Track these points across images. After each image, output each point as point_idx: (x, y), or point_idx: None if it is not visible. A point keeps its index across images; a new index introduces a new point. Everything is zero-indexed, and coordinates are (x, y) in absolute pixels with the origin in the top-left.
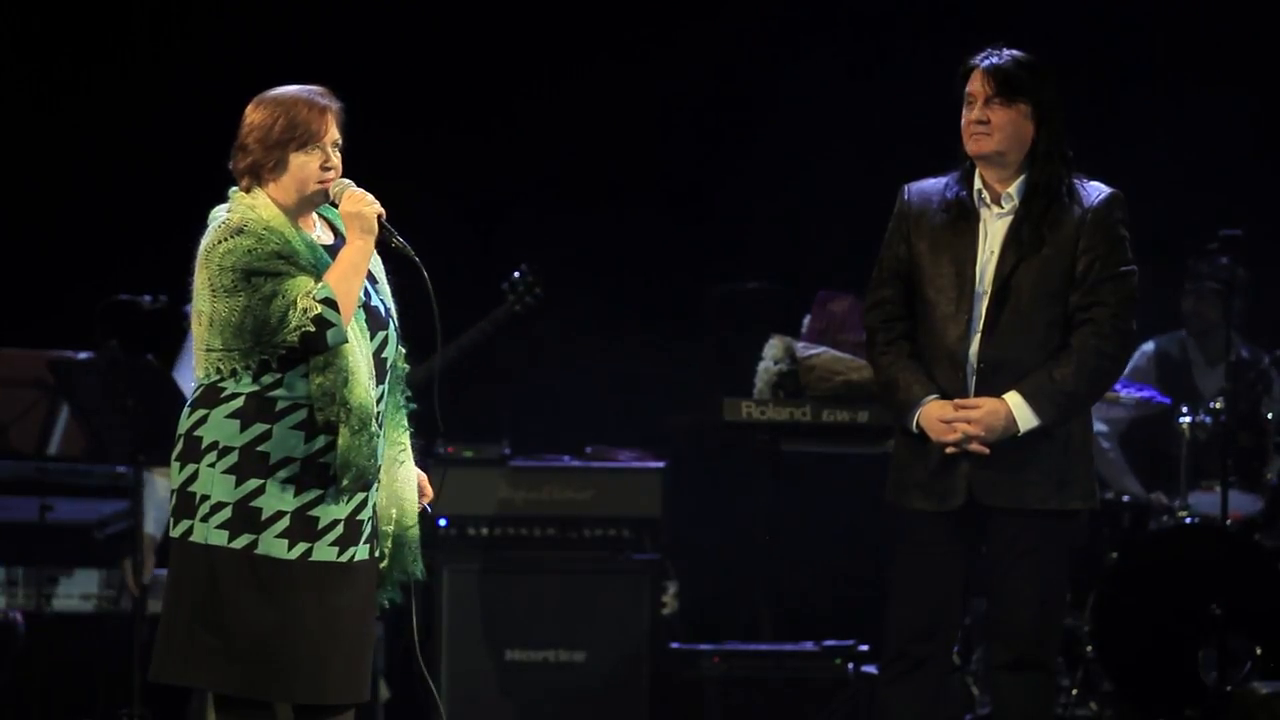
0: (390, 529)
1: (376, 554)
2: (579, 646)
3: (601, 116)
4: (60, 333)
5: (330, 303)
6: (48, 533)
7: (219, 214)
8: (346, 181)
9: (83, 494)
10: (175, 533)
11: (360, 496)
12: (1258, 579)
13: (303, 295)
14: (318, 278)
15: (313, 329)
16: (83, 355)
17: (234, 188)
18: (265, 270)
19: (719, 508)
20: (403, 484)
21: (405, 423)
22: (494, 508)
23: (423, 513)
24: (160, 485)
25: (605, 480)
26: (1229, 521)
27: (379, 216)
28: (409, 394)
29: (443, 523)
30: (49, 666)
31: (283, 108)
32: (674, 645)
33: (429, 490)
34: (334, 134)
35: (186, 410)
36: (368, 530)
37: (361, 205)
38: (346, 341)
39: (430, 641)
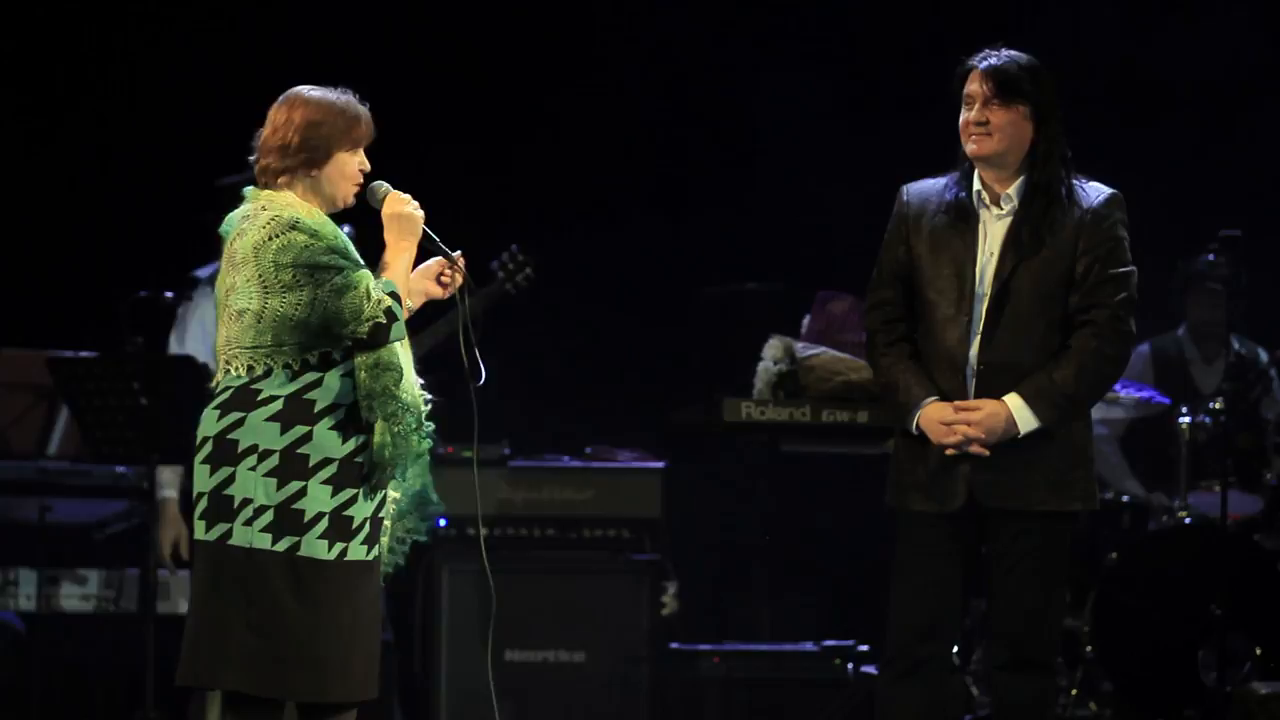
0: (387, 523)
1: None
2: (579, 647)
3: (601, 116)
4: (62, 332)
5: (396, 297)
6: (47, 533)
7: (254, 212)
8: (386, 185)
9: (82, 494)
10: (210, 535)
11: (380, 494)
12: (1257, 579)
13: (374, 289)
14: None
15: (384, 321)
16: (83, 354)
17: (249, 188)
18: (328, 265)
19: (719, 508)
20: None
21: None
22: (494, 508)
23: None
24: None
25: (605, 480)
26: (1228, 522)
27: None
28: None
29: (442, 523)
30: (48, 666)
31: (334, 109)
32: (674, 645)
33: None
34: (370, 140)
35: (215, 413)
36: (382, 528)
37: (406, 207)
38: (404, 337)
39: (429, 641)
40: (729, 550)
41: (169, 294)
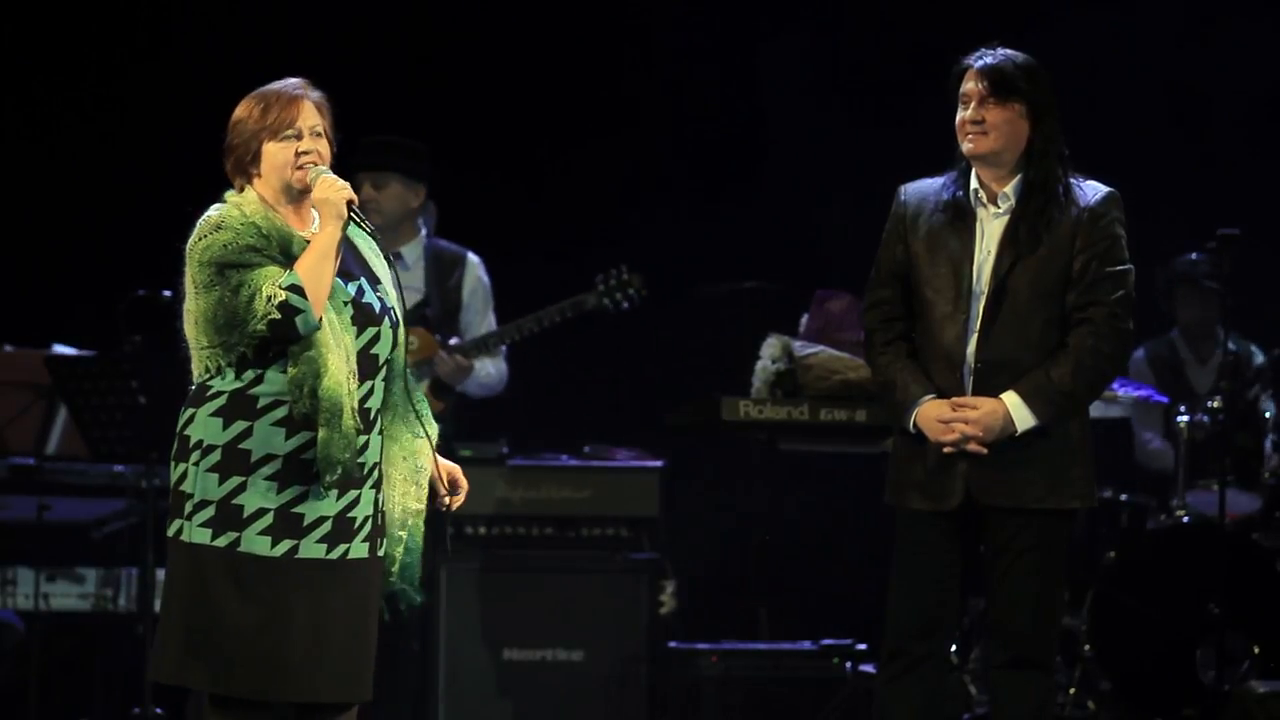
0: (402, 534)
1: (381, 553)
2: (577, 646)
3: (600, 116)
4: (60, 331)
5: (297, 289)
6: (45, 532)
7: (207, 213)
8: (323, 169)
9: (80, 493)
10: (169, 532)
11: (353, 493)
12: (1255, 578)
13: (269, 284)
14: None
15: (279, 316)
16: (82, 353)
17: (230, 190)
18: (237, 263)
19: (717, 507)
20: (409, 486)
21: (420, 426)
22: (492, 507)
23: (433, 519)
24: None
25: (603, 479)
26: (1227, 521)
27: (349, 203)
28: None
29: None
30: (47, 665)
31: (257, 99)
32: (672, 644)
33: (464, 483)
34: (311, 120)
35: (182, 411)
36: (366, 528)
37: (331, 191)
38: (319, 329)
39: (428, 641)
40: (727, 549)
41: (167, 293)
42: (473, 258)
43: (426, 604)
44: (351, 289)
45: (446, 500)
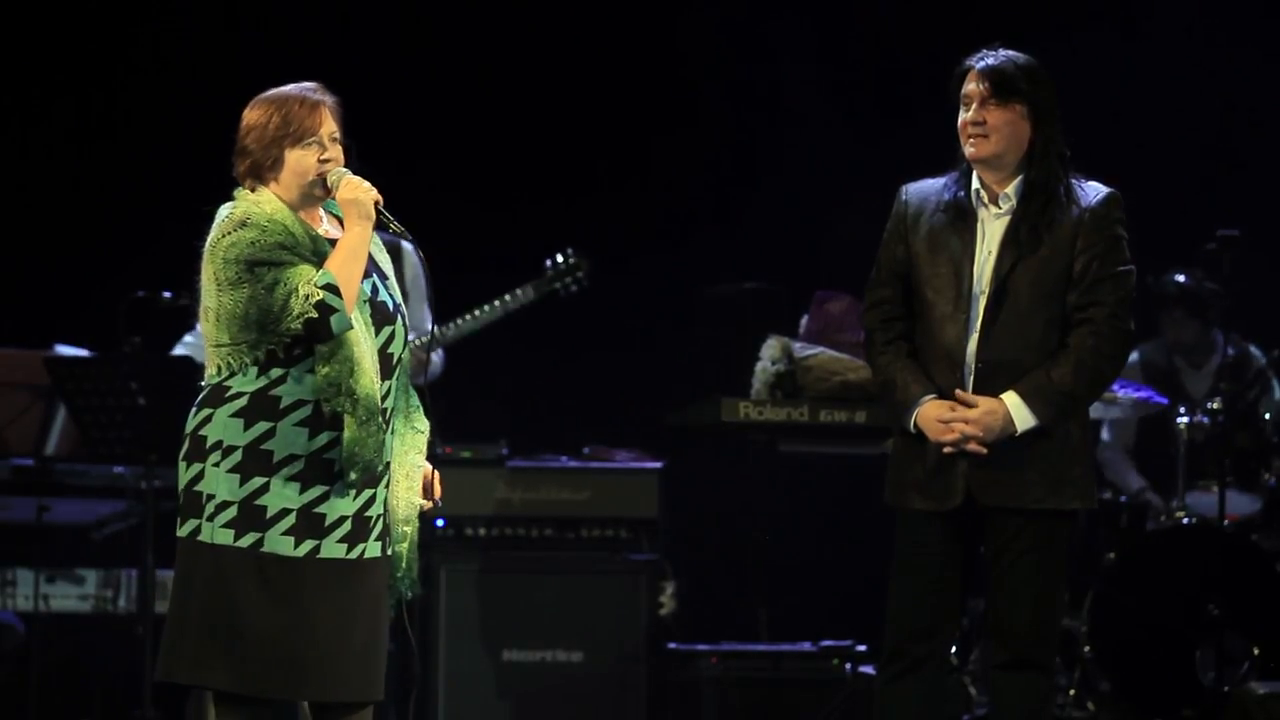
0: (408, 529)
1: (389, 551)
2: (576, 647)
3: (602, 116)
4: (60, 331)
5: (332, 288)
6: (45, 533)
7: (224, 210)
8: (344, 170)
9: (80, 494)
10: (182, 532)
11: (369, 492)
12: (1255, 579)
13: (304, 282)
14: (321, 268)
15: (315, 315)
16: (81, 353)
17: (239, 187)
18: (268, 260)
19: (716, 508)
20: (412, 482)
21: (418, 422)
22: (492, 508)
23: (421, 516)
24: None
25: (603, 481)
26: (1226, 522)
27: (376, 202)
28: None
29: (440, 523)
30: (46, 667)
31: (276, 105)
32: (671, 645)
33: (437, 489)
34: (330, 127)
35: (193, 410)
36: (379, 527)
37: (358, 192)
38: (351, 328)
39: (428, 641)
40: (726, 550)
41: (167, 294)
42: (407, 245)
43: (424, 604)
44: (367, 287)
45: (421, 503)
